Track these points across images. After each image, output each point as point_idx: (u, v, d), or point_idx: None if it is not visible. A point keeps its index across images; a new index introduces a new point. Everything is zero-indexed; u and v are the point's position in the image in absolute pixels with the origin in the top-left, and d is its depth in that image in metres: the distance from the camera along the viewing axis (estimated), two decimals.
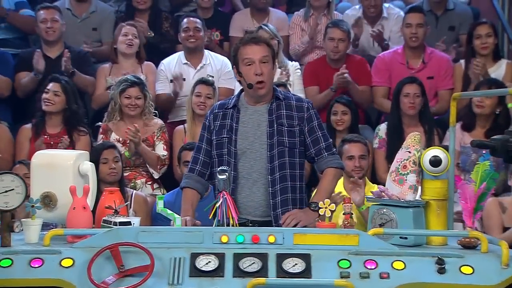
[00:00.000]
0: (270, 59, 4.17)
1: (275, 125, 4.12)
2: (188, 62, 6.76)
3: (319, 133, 4.18)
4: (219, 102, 4.36)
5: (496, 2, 7.87)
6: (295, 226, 3.91)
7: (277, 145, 4.10)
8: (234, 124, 4.16)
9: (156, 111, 6.33)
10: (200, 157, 4.23)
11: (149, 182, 6.13)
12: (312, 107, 4.23)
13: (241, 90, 4.28)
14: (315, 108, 4.27)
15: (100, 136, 6.15)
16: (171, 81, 6.67)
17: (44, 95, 6.12)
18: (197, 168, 4.22)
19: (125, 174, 5.89)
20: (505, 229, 5.23)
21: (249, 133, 4.15)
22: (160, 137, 6.17)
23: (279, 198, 4.10)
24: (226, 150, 4.15)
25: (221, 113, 4.23)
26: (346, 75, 6.52)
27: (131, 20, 7.08)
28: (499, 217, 5.31)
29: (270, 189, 4.09)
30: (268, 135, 4.12)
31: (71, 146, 6.03)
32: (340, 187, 5.38)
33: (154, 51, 7.16)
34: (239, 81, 4.26)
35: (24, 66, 6.75)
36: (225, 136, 4.16)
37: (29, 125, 6.23)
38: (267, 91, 4.16)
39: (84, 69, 6.75)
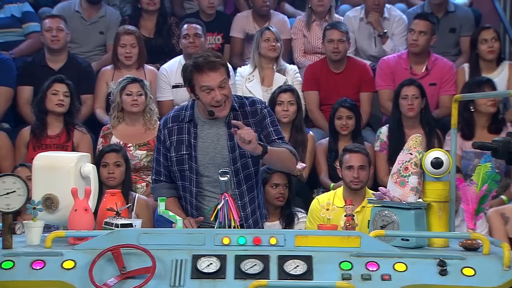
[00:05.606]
0: (227, 79, 4.05)
1: (235, 138, 3.94)
2: None
3: (271, 128, 4.12)
4: (171, 114, 4.22)
5: (497, 4, 7.86)
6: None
7: (240, 157, 4.05)
8: (193, 140, 4.09)
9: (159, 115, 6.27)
10: (161, 170, 4.21)
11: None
12: (265, 107, 4.18)
13: (193, 101, 4.16)
14: (268, 107, 4.23)
15: (100, 140, 6.04)
16: (173, 87, 6.62)
17: (55, 97, 5.98)
18: (161, 179, 4.21)
19: None
20: (511, 239, 5.21)
21: (210, 148, 4.09)
22: None
23: (249, 209, 4.10)
24: (187, 166, 4.10)
25: (176, 127, 4.14)
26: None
27: (137, 23, 7.02)
28: (503, 228, 5.31)
29: (239, 202, 4.05)
30: (229, 149, 4.07)
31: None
32: (339, 198, 5.31)
33: (159, 53, 7.11)
34: (194, 100, 4.13)
35: (26, 79, 6.62)
36: (184, 152, 4.10)
37: (27, 128, 6.10)
38: (228, 111, 4.07)
39: (86, 83, 6.56)
